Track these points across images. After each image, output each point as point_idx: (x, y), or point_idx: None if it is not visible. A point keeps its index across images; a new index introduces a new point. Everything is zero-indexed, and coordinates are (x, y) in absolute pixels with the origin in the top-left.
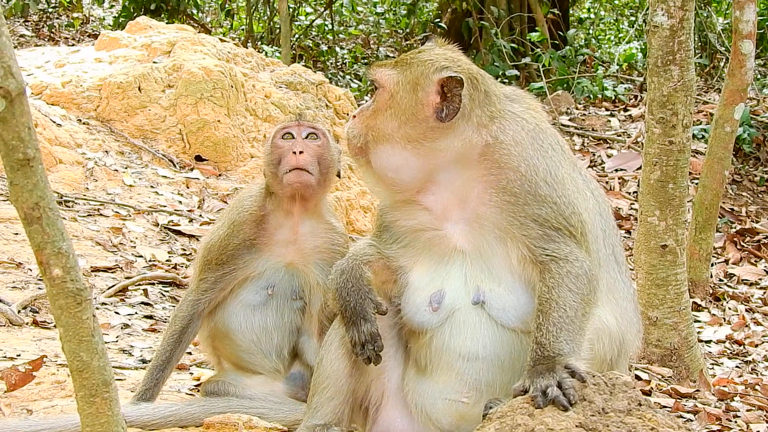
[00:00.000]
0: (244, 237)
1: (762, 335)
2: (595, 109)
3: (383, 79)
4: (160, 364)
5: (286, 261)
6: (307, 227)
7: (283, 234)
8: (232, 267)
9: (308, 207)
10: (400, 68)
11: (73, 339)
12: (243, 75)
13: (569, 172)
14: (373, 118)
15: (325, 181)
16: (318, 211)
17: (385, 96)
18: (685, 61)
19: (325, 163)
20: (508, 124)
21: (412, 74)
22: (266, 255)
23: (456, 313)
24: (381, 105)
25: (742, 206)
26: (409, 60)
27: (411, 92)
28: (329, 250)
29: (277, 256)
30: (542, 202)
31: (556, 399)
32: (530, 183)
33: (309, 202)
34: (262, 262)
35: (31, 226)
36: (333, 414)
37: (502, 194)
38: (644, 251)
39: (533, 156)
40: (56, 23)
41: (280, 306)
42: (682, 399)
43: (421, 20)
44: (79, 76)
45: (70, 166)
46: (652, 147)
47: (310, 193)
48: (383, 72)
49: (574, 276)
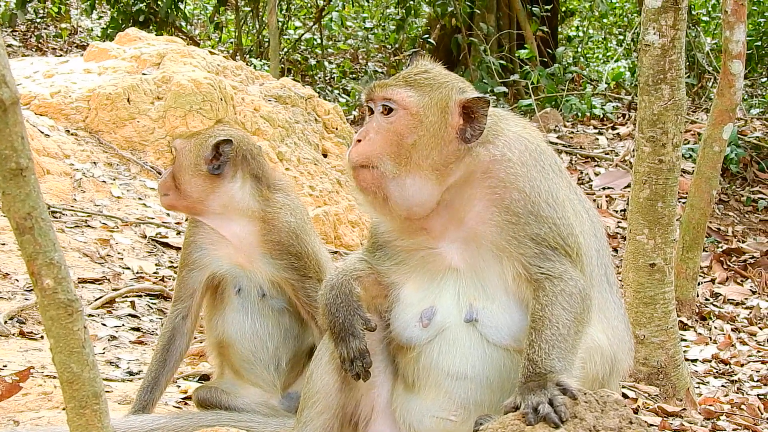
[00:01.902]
0: (190, 235)
1: (748, 355)
2: (583, 127)
3: (406, 102)
4: (147, 385)
5: (234, 261)
6: (234, 227)
7: (218, 237)
8: (189, 268)
9: (209, 211)
10: (420, 90)
11: (64, 350)
12: (232, 88)
13: (567, 194)
14: (395, 146)
15: (183, 190)
16: (230, 208)
17: (410, 120)
18: (676, 80)
19: (179, 179)
20: (513, 143)
21: (438, 96)
22: (214, 255)
23: (446, 331)
24: (404, 130)
25: (728, 226)
26: (425, 81)
27: (440, 115)
28: (266, 242)
29: (225, 257)
30: (543, 222)
31: (547, 416)
32: (533, 204)
33: (198, 207)
34: (213, 262)
35: (23, 236)
36: (322, 428)
37: (504, 213)
38: (632, 269)
39: (536, 177)
40: (44, 34)
41: (258, 308)
42: (668, 417)
43: (410, 36)
44: (68, 86)
45: (58, 177)
46: (642, 165)
47: (180, 208)
48: (403, 93)
49: (568, 294)
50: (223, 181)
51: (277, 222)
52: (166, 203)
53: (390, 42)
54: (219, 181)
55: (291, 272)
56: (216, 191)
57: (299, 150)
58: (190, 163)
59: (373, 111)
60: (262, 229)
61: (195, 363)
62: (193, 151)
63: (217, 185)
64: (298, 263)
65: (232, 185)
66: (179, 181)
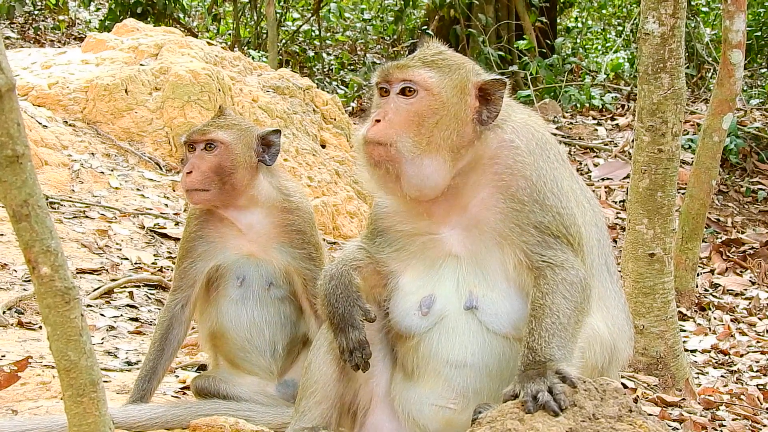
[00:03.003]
0: (195, 230)
1: (747, 345)
2: (582, 117)
3: (427, 83)
4: (145, 375)
5: (245, 252)
6: (251, 218)
7: (230, 228)
8: (190, 260)
9: (238, 204)
10: (439, 70)
11: (61, 338)
12: (230, 79)
13: (570, 184)
14: (416, 126)
15: (231, 185)
16: (255, 200)
17: (431, 101)
18: (676, 69)
19: (226, 170)
20: (520, 130)
21: (458, 77)
22: (221, 247)
23: (445, 319)
24: (426, 111)
25: (728, 217)
26: (443, 62)
27: (460, 96)
28: (285, 232)
29: (233, 248)
30: (547, 211)
31: (546, 404)
32: (539, 192)
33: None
34: (219, 254)
35: (20, 223)
36: (321, 418)
37: (509, 201)
38: (632, 259)
39: (542, 166)
40: (42, 25)
41: (259, 297)
42: (668, 407)
43: (408, 27)
44: (66, 77)
45: (56, 168)
46: (641, 155)
47: (216, 204)
48: (423, 74)
49: (569, 283)
50: (258, 173)
51: (300, 211)
52: (205, 199)
53: (388, 33)
54: (256, 174)
55: (308, 262)
56: (253, 183)
57: (297, 141)
58: (243, 155)
59: (388, 92)
60: (282, 219)
61: (193, 353)
62: (243, 143)
63: (255, 177)
64: (316, 253)
65: (260, 179)
66: (226, 174)
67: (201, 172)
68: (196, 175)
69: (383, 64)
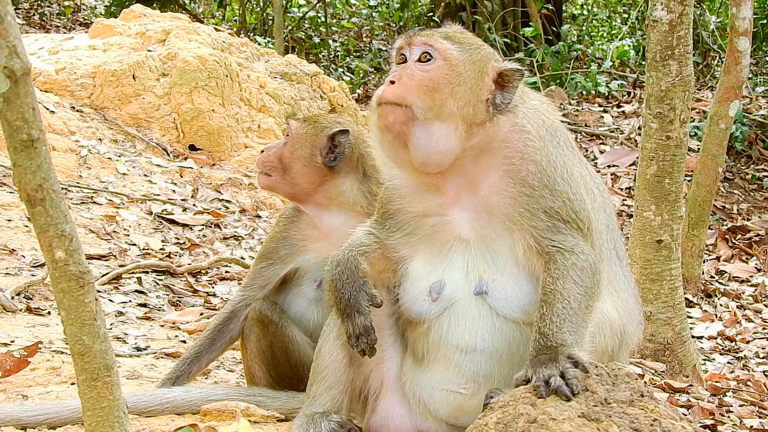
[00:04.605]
0: (282, 230)
1: (753, 332)
2: (589, 105)
3: (447, 53)
4: (186, 357)
5: (325, 255)
6: (336, 220)
7: (314, 230)
8: (270, 261)
9: (312, 203)
10: (460, 46)
11: (75, 322)
12: (238, 65)
13: (580, 170)
14: (430, 90)
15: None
16: (338, 202)
17: (448, 71)
18: (684, 56)
19: (288, 163)
20: (532, 116)
21: (478, 56)
22: (302, 251)
23: (455, 305)
24: (441, 78)
25: (733, 204)
26: (464, 40)
27: (477, 74)
28: None
29: (314, 250)
30: (557, 196)
31: (559, 389)
32: (549, 178)
33: (309, 199)
34: (299, 258)
35: (35, 207)
36: (332, 402)
37: (519, 185)
38: (639, 246)
39: (553, 153)
40: (47, 11)
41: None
42: (675, 393)
43: (414, 14)
44: (73, 63)
45: (64, 154)
46: (649, 142)
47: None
48: (446, 45)
49: (579, 269)
50: (335, 175)
51: None
52: (266, 184)
53: (394, 20)
54: (330, 175)
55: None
56: (326, 184)
57: None
58: (305, 151)
59: (406, 59)
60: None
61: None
62: (309, 139)
63: (328, 178)
64: None
65: (343, 181)
66: (288, 166)
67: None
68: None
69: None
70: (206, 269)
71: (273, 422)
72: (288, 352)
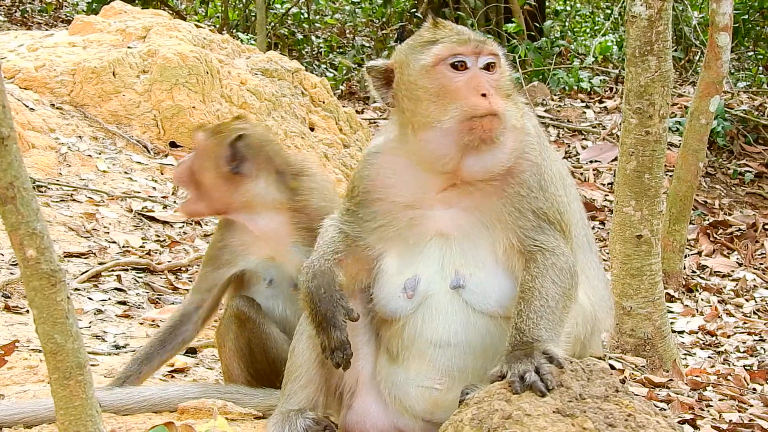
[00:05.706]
0: (219, 240)
1: (734, 326)
2: (571, 100)
3: (502, 60)
4: (137, 358)
5: (264, 256)
6: (263, 221)
7: (248, 235)
8: (214, 266)
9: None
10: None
11: (47, 321)
12: (219, 61)
13: (559, 168)
14: (507, 98)
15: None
16: (257, 204)
17: (505, 78)
18: (663, 51)
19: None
20: (526, 116)
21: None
22: (243, 255)
23: (429, 299)
24: (509, 86)
25: (715, 199)
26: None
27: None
28: (296, 231)
29: (254, 253)
30: (548, 198)
31: (533, 384)
32: (545, 179)
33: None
34: (242, 261)
35: (5, 205)
36: (307, 400)
37: (518, 186)
38: (619, 241)
39: (547, 154)
40: (29, 8)
41: (289, 297)
42: (655, 388)
43: (397, 10)
44: (53, 60)
45: (43, 151)
46: (629, 137)
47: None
48: (499, 51)
49: (559, 269)
50: (246, 180)
51: (308, 209)
52: (188, 210)
53: (377, 16)
54: (242, 180)
55: None
56: (240, 190)
57: (286, 123)
58: (211, 162)
59: (465, 67)
60: (292, 218)
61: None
62: (213, 150)
63: (240, 184)
64: None
65: (256, 183)
66: (199, 180)
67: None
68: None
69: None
70: (186, 267)
71: (250, 420)
72: (266, 349)
